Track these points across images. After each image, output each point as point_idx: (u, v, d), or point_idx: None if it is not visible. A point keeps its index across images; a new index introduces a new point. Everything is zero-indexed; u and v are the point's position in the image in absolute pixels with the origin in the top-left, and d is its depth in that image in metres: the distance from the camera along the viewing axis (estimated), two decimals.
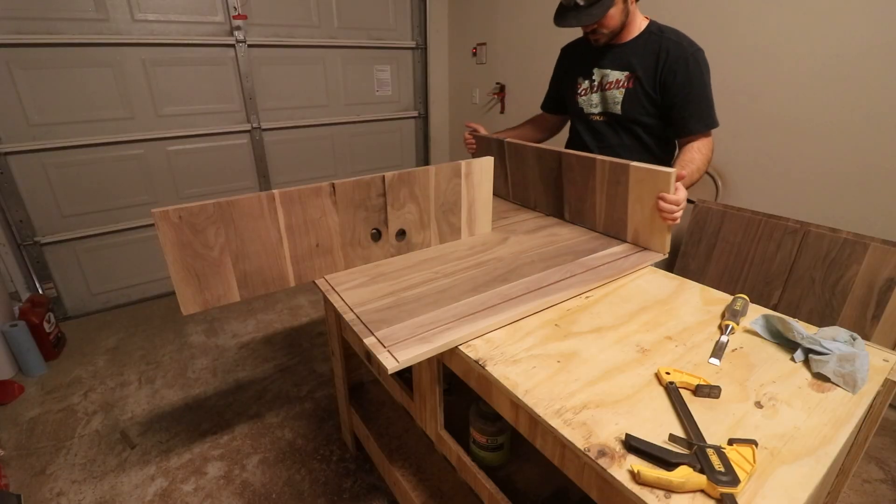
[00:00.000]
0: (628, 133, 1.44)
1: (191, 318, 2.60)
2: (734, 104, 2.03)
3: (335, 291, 1.08)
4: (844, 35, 1.70)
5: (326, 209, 1.11)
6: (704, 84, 1.28)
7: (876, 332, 1.49)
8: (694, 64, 1.27)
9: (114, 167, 2.54)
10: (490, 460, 1.17)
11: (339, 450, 1.69)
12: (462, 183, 1.30)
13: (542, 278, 1.10)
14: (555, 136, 1.79)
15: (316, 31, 2.99)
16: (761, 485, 0.58)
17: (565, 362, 0.82)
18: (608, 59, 1.40)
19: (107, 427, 1.82)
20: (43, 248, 2.47)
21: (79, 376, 2.13)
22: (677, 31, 1.33)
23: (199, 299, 1.02)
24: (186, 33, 2.55)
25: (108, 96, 2.43)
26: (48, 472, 1.62)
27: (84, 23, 2.29)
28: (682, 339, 0.88)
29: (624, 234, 1.29)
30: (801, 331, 0.82)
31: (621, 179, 1.21)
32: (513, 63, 3.10)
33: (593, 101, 1.48)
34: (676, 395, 0.72)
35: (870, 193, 1.75)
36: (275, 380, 2.07)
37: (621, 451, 0.63)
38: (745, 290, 1.79)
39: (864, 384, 0.74)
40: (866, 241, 1.48)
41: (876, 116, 1.68)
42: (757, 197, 2.06)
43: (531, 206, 1.61)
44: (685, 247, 1.97)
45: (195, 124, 2.72)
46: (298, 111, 3.08)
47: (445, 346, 0.86)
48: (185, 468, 1.63)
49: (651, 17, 1.38)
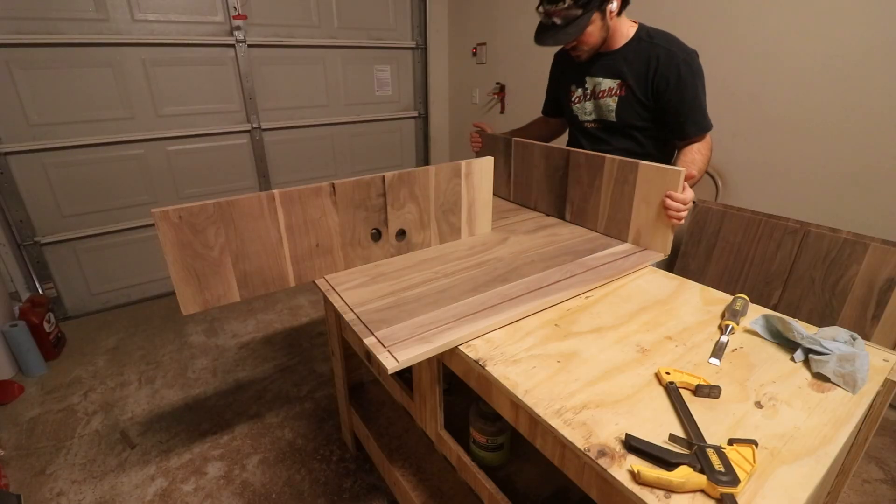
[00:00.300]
0: (625, 137, 1.44)
1: (191, 318, 2.60)
2: (734, 104, 2.03)
3: (335, 291, 1.08)
4: (844, 35, 1.70)
5: (326, 209, 1.11)
6: (697, 88, 1.28)
7: (876, 332, 1.49)
8: (686, 69, 1.26)
9: (114, 167, 2.54)
10: (490, 460, 1.17)
11: (339, 450, 1.69)
12: (462, 183, 1.30)
13: (542, 278, 1.10)
14: (559, 137, 1.79)
15: (316, 31, 2.99)
16: (761, 485, 0.58)
17: (565, 362, 0.82)
18: (598, 68, 1.40)
19: (107, 427, 1.82)
20: (43, 248, 2.47)
21: (79, 376, 2.13)
22: (666, 34, 1.32)
23: (199, 299, 1.02)
24: (186, 33, 2.55)
25: (108, 96, 2.43)
26: (48, 472, 1.62)
27: (84, 23, 2.29)
28: (682, 339, 0.88)
29: (625, 235, 1.29)
30: (801, 331, 0.82)
31: (629, 178, 1.22)
32: (513, 63, 3.10)
33: (587, 108, 1.48)
34: (676, 395, 0.72)
35: (870, 193, 1.75)
36: (275, 380, 2.07)
37: (621, 451, 0.63)
38: (745, 290, 1.79)
39: (864, 384, 0.74)
40: (866, 241, 1.48)
41: (876, 116, 1.68)
42: (757, 197, 2.06)
43: (531, 206, 1.61)
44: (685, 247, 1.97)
45: (195, 124, 2.72)
46: (298, 111, 3.08)
47: (445, 346, 0.86)
48: (185, 468, 1.63)
49: (650, 19, 1.38)
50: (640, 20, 1.39)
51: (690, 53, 1.28)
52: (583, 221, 1.42)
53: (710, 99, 1.34)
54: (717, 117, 1.32)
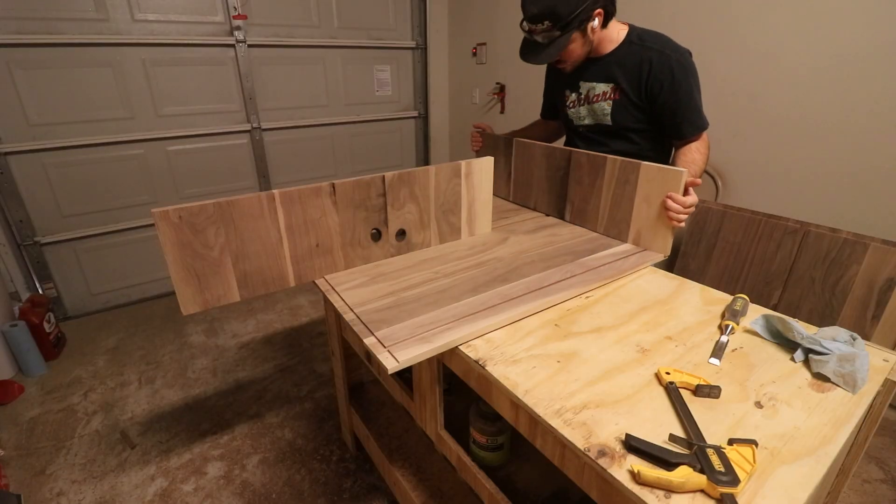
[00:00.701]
0: (621, 139, 1.44)
1: (191, 318, 2.60)
2: (734, 104, 2.03)
3: (335, 291, 1.08)
4: (844, 35, 1.70)
5: (326, 209, 1.11)
6: (691, 87, 1.27)
7: (876, 332, 1.49)
8: (679, 69, 1.26)
9: (114, 167, 2.54)
10: (490, 460, 1.17)
11: (339, 450, 1.69)
12: (462, 183, 1.30)
13: (542, 278, 1.10)
14: (559, 138, 1.79)
15: (316, 31, 2.99)
16: (761, 485, 0.58)
17: (565, 362, 0.82)
18: (591, 73, 1.40)
19: (107, 427, 1.82)
20: (43, 248, 2.47)
21: (79, 376, 2.13)
22: (658, 35, 1.32)
23: (199, 299, 1.02)
24: (186, 33, 2.55)
25: (108, 96, 2.43)
26: (48, 472, 1.62)
27: (84, 23, 2.29)
28: (682, 339, 0.88)
29: (625, 235, 1.29)
30: (801, 331, 0.82)
31: (630, 178, 1.22)
32: (513, 63, 3.10)
33: (581, 113, 1.48)
34: (676, 395, 0.72)
35: (870, 193, 1.75)
36: (275, 380, 2.07)
37: (621, 451, 0.63)
38: (745, 290, 1.79)
39: (864, 384, 0.74)
40: (866, 241, 1.48)
41: (876, 116, 1.68)
42: (757, 197, 2.06)
43: (532, 206, 1.61)
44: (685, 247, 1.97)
45: (195, 124, 2.72)
46: (298, 111, 3.08)
47: (445, 346, 0.87)
48: (185, 468, 1.63)
49: (650, 19, 1.38)
50: (640, 21, 1.38)
51: (683, 53, 1.28)
52: (583, 222, 1.42)
53: (709, 99, 1.34)
54: (717, 117, 1.32)
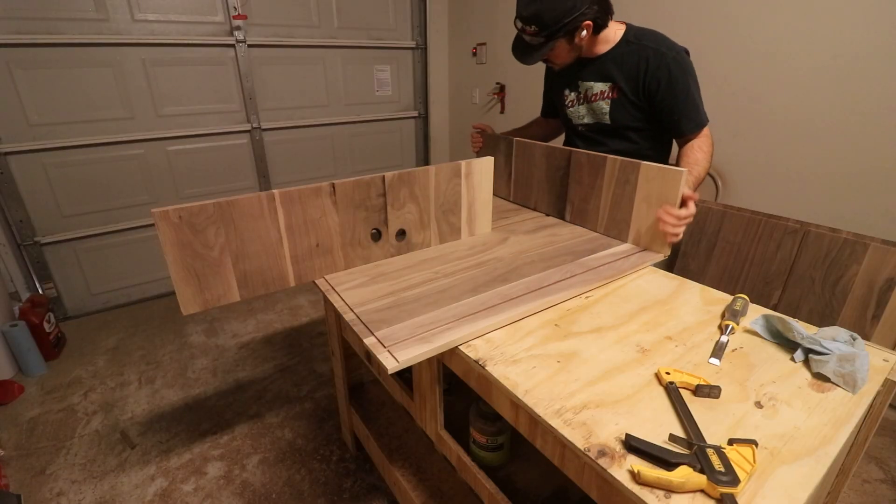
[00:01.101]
0: (620, 138, 1.44)
1: (191, 318, 2.60)
2: (734, 104, 2.03)
3: (335, 291, 1.08)
4: (844, 35, 1.70)
5: (326, 209, 1.11)
6: (689, 84, 1.27)
7: (876, 332, 1.49)
8: (676, 67, 1.26)
9: (114, 167, 2.54)
10: (490, 460, 1.17)
11: (339, 450, 1.69)
12: (462, 183, 1.30)
13: (542, 278, 1.10)
14: (559, 135, 1.79)
15: (316, 31, 2.99)
16: (761, 485, 0.58)
17: (565, 362, 0.82)
18: (589, 72, 1.40)
19: (107, 427, 1.82)
20: (43, 248, 2.47)
21: (79, 376, 2.13)
22: (654, 33, 1.32)
23: (199, 299, 1.02)
24: (186, 33, 2.55)
25: (108, 96, 2.43)
26: (48, 472, 1.62)
27: (84, 23, 2.29)
28: (682, 339, 0.88)
29: (625, 235, 1.29)
30: (801, 331, 0.82)
31: (630, 178, 1.22)
32: (513, 63, 3.06)
33: (580, 112, 1.48)
34: (676, 395, 0.72)
35: (870, 193, 1.75)
36: (275, 380, 2.07)
37: (621, 451, 0.63)
38: (745, 290, 1.79)
39: (864, 384, 0.74)
40: (866, 241, 1.48)
41: (876, 117, 1.68)
42: (757, 197, 2.06)
43: (532, 206, 1.61)
44: (685, 247, 1.97)
45: (195, 124, 2.72)
46: (298, 111, 3.08)
47: (445, 346, 0.86)
48: (185, 468, 1.63)
49: (650, 19, 1.38)
50: (640, 21, 1.38)
51: (679, 51, 1.28)
52: (583, 222, 1.42)
53: (709, 99, 1.34)
54: (717, 117, 1.32)
